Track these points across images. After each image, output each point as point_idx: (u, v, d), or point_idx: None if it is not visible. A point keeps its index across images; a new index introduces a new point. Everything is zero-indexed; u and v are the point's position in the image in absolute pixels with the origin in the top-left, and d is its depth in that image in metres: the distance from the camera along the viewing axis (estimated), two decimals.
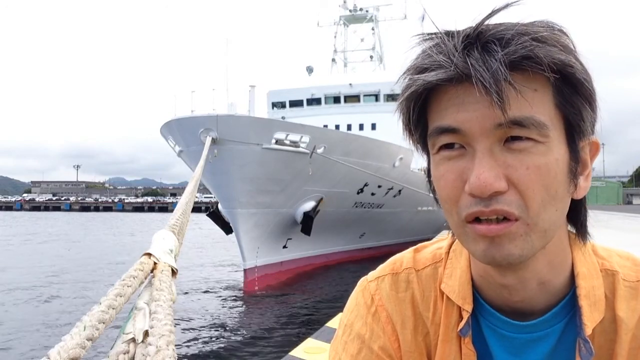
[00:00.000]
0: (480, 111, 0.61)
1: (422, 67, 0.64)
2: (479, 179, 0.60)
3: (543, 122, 0.61)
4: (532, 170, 0.61)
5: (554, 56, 0.60)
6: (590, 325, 0.68)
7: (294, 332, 8.97)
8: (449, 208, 0.66)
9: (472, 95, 0.61)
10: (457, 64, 0.60)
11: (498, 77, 0.58)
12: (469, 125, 0.62)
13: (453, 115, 0.63)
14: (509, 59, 0.59)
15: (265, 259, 14.19)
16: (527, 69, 0.60)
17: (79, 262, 18.67)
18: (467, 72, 0.60)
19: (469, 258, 0.77)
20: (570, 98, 0.63)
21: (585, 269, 0.72)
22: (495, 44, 0.60)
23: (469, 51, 0.61)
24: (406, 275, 0.83)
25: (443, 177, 0.65)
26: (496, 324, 0.74)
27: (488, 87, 0.58)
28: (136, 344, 0.79)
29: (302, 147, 13.43)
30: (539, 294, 0.70)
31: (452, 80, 0.62)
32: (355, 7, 29.25)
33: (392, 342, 0.80)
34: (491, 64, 0.59)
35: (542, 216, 0.62)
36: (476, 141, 0.62)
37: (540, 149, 0.61)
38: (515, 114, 0.60)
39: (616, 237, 9.56)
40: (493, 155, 0.61)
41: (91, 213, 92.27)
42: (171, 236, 1.45)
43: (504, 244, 0.62)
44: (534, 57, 0.59)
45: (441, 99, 0.64)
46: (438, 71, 0.62)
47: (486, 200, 0.61)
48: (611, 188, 56.84)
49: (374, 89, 23.85)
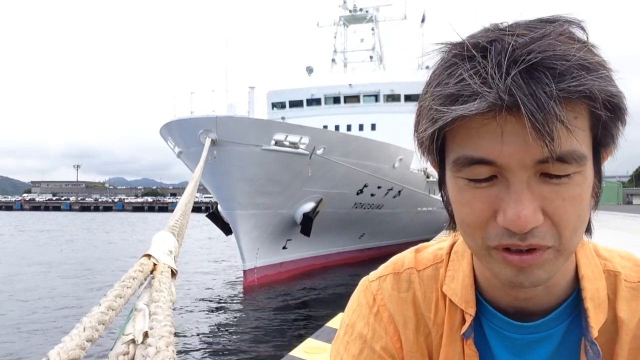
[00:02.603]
0: (521, 145, 0.56)
1: (456, 95, 0.57)
2: (520, 217, 0.56)
3: (584, 154, 0.57)
4: (568, 201, 0.58)
5: (607, 91, 0.56)
6: (596, 327, 0.68)
7: (294, 332, 8.97)
8: (472, 232, 0.63)
9: (512, 126, 0.55)
10: (501, 93, 0.53)
11: (551, 117, 0.53)
12: (507, 160, 0.57)
13: (489, 146, 0.57)
14: (563, 96, 0.54)
15: (265, 260, 14.19)
16: (576, 102, 0.55)
17: (77, 262, 18.67)
18: (512, 105, 0.54)
19: (471, 261, 0.77)
20: (606, 121, 0.59)
21: (589, 270, 0.71)
22: (546, 76, 0.53)
23: (514, 78, 0.54)
24: (407, 275, 0.82)
25: (469, 204, 0.62)
26: (498, 325, 0.73)
27: (539, 128, 0.53)
28: (136, 345, 0.79)
29: (302, 148, 13.43)
30: (543, 296, 0.70)
31: (491, 111, 0.55)
32: (355, 7, 29.27)
33: (394, 342, 0.80)
34: (542, 99, 0.53)
35: (574, 241, 0.61)
36: (513, 174, 0.57)
37: (576, 179, 0.58)
38: (561, 149, 0.55)
39: (616, 237, 9.56)
40: (530, 188, 0.58)
41: (91, 213, 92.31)
42: (171, 237, 1.45)
43: (534, 271, 0.60)
44: (590, 95, 0.54)
45: (471, 126, 0.58)
46: (476, 103, 0.55)
47: (522, 235, 0.58)
48: (611, 188, 56.76)
49: (374, 89, 23.85)
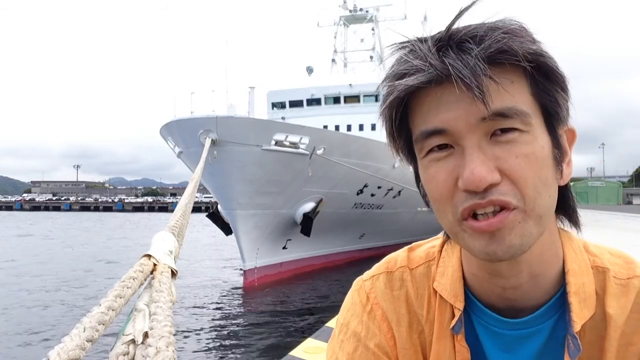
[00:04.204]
0: (463, 109, 0.62)
1: (401, 73, 0.65)
2: (473, 173, 0.61)
3: (525, 110, 0.62)
4: (521, 159, 0.62)
5: (527, 47, 0.61)
6: (580, 321, 0.69)
7: (294, 332, 8.97)
8: (442, 208, 0.66)
9: (452, 94, 0.62)
10: (435, 64, 0.62)
11: (477, 72, 0.59)
12: (454, 124, 0.63)
13: (437, 116, 0.64)
14: (485, 54, 0.60)
15: (265, 260, 14.20)
16: (503, 62, 0.61)
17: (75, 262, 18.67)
18: (446, 72, 0.61)
19: (460, 257, 0.78)
20: (545, 86, 0.64)
21: (576, 265, 0.72)
22: (469, 42, 0.61)
23: (445, 52, 0.62)
24: (400, 273, 0.84)
25: (434, 178, 0.66)
26: (488, 321, 0.75)
27: (469, 83, 0.59)
28: (136, 346, 0.79)
29: (302, 148, 13.44)
30: (530, 289, 0.71)
31: (431, 83, 0.62)
32: (355, 7, 29.23)
33: (388, 340, 0.81)
34: (468, 60, 0.60)
35: (538, 202, 0.63)
36: (463, 138, 0.63)
37: (525, 138, 0.63)
38: (498, 106, 0.61)
39: (616, 237, 9.57)
40: (482, 149, 0.62)
41: (91, 213, 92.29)
42: (171, 237, 1.45)
43: (504, 236, 0.62)
44: (509, 50, 0.60)
45: (422, 103, 0.65)
46: (417, 75, 0.63)
47: (481, 194, 0.61)
48: (611, 188, 56.86)
49: (374, 89, 23.54)
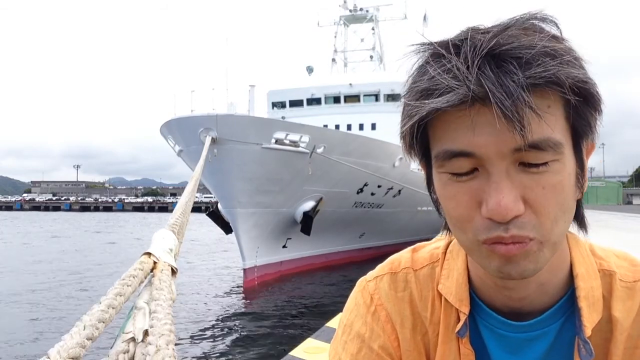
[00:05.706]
0: (496, 135, 0.57)
1: (428, 90, 0.60)
2: (500, 205, 0.58)
3: (559, 141, 0.59)
4: (548, 189, 0.59)
5: (573, 75, 0.57)
6: (590, 326, 0.68)
7: (294, 332, 8.96)
8: (461, 226, 0.64)
9: (485, 117, 0.57)
10: (471, 87, 0.56)
11: (519, 104, 0.55)
12: (484, 150, 0.59)
13: (466, 138, 0.59)
14: (530, 83, 0.55)
15: (265, 259, 14.19)
16: (545, 89, 0.57)
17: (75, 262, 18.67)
18: (483, 96, 0.56)
19: (465, 260, 0.77)
20: (582, 110, 0.61)
21: (584, 269, 0.72)
22: (513, 65, 0.56)
23: (482, 70, 0.56)
24: (404, 274, 0.83)
25: (454, 198, 0.63)
26: (493, 323, 0.74)
27: (509, 115, 0.55)
28: (136, 344, 0.79)
29: (302, 146, 13.43)
30: (538, 295, 0.70)
31: (463, 103, 0.58)
32: (355, 7, 29.19)
33: (392, 341, 0.80)
34: (510, 87, 0.55)
35: (555, 231, 0.61)
36: (492, 165, 0.59)
37: (555, 167, 0.60)
38: (534, 137, 0.57)
39: (616, 237, 9.57)
40: (510, 177, 0.59)
41: (91, 213, 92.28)
42: (171, 235, 1.45)
43: (519, 261, 0.61)
44: (557, 81, 0.56)
45: (448, 120, 0.61)
46: (448, 96, 0.57)
47: (504, 225, 0.59)
48: (611, 188, 56.79)
49: (374, 89, 23.79)
